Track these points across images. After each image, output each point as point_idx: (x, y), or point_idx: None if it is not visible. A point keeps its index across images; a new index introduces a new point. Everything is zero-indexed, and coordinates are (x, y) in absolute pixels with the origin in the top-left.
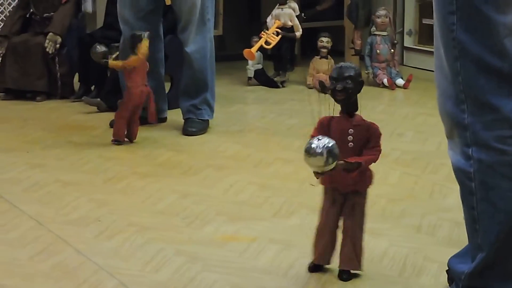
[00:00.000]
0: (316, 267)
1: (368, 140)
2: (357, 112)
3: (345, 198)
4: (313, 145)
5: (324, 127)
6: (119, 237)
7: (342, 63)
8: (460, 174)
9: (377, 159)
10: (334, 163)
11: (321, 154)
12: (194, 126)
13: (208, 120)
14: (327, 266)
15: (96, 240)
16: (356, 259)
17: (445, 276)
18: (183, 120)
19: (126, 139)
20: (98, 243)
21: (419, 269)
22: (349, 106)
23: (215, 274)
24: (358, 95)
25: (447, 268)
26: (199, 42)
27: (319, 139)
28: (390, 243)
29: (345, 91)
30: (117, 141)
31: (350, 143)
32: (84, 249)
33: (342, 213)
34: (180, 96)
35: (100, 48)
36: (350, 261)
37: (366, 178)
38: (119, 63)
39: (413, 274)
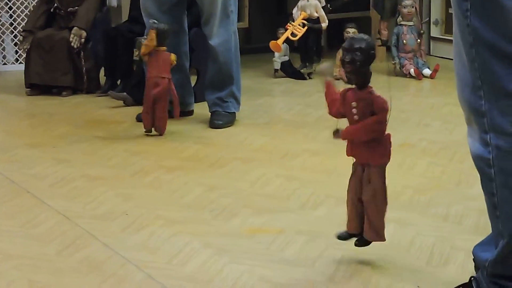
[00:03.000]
0: (347, 235)
1: (373, 114)
2: (370, 85)
3: (363, 171)
4: None
5: (341, 98)
6: (146, 230)
7: (357, 34)
8: (479, 161)
9: (361, 132)
10: None
11: None
12: (221, 119)
13: (234, 112)
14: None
15: (123, 233)
16: (371, 229)
17: (472, 265)
18: (209, 113)
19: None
20: (125, 236)
21: (446, 257)
22: (359, 78)
23: (243, 266)
24: (372, 71)
25: (473, 257)
26: (223, 35)
27: None
28: (417, 233)
29: (353, 63)
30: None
31: (355, 115)
32: (112, 243)
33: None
34: (206, 89)
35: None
36: (367, 232)
37: (378, 152)
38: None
39: (440, 263)
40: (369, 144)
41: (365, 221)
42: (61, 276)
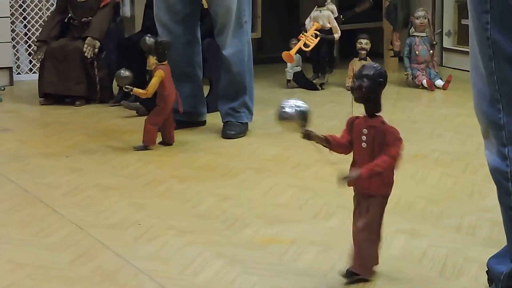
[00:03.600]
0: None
1: (383, 145)
2: (379, 114)
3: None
4: (284, 109)
5: (348, 126)
6: (159, 240)
7: (369, 62)
8: (497, 174)
9: (384, 168)
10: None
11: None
12: (233, 129)
13: (247, 123)
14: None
15: (135, 243)
16: (359, 262)
17: (485, 277)
18: (222, 123)
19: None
20: (137, 246)
21: (459, 269)
22: (368, 105)
23: (255, 276)
24: (383, 96)
25: (487, 269)
26: (236, 45)
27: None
28: (430, 244)
29: (360, 89)
30: (146, 148)
31: (364, 143)
32: (124, 252)
33: None
34: (219, 99)
35: (125, 73)
36: (354, 262)
37: (381, 182)
38: (142, 92)
39: (453, 275)
40: None
41: (354, 250)
42: (74, 286)
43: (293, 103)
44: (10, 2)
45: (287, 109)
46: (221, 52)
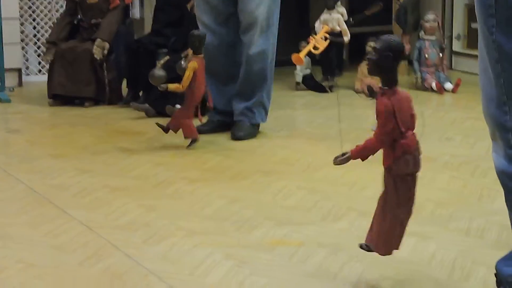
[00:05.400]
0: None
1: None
2: (396, 87)
3: None
4: None
5: None
6: (168, 241)
7: (386, 35)
8: (504, 176)
9: (372, 149)
10: None
11: None
12: (243, 131)
13: (258, 124)
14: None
15: (145, 244)
16: (375, 238)
17: (493, 279)
18: (232, 125)
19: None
20: (147, 247)
21: (468, 272)
22: (380, 78)
23: (264, 278)
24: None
25: (495, 272)
26: (261, 45)
27: None
28: (438, 246)
29: (368, 61)
30: (195, 140)
31: (375, 115)
32: (133, 253)
33: None
34: (234, 97)
35: (158, 73)
36: (370, 237)
37: (389, 154)
38: (178, 86)
39: (462, 278)
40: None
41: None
42: (83, 287)
43: None
44: (19, 4)
45: None
46: (245, 50)
